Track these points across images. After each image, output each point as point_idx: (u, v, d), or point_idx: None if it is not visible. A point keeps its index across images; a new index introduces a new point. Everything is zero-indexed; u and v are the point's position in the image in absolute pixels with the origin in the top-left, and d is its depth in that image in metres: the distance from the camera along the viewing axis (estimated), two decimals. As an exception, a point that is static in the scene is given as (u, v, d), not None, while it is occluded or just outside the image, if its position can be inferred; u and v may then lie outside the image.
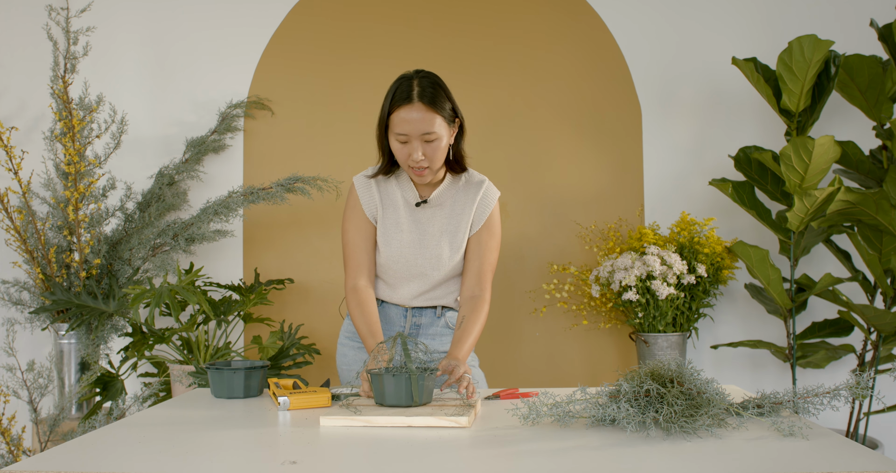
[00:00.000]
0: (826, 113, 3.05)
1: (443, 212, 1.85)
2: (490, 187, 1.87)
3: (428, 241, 1.83)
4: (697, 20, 3.12)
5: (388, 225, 1.84)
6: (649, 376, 1.33)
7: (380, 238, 1.85)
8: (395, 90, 1.71)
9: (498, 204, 1.88)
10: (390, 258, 1.84)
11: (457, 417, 1.32)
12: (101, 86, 3.12)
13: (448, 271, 1.85)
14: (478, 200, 1.84)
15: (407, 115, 1.68)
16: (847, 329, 2.90)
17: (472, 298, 1.82)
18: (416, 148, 1.70)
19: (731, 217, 3.08)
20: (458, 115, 1.77)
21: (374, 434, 1.28)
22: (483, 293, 1.83)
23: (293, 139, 3.15)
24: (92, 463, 1.11)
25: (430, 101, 1.68)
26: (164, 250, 2.95)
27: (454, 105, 1.75)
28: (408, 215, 1.84)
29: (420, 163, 1.72)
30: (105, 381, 2.66)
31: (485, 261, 1.84)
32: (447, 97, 1.73)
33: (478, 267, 1.84)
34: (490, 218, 1.85)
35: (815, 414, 1.35)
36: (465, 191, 1.85)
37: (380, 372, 1.42)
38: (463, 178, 1.87)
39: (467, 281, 1.84)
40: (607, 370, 3.07)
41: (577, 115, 3.13)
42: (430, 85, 1.70)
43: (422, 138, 1.70)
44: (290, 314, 3.11)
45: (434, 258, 1.83)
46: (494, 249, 1.86)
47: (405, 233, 1.83)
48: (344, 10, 3.17)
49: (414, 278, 1.85)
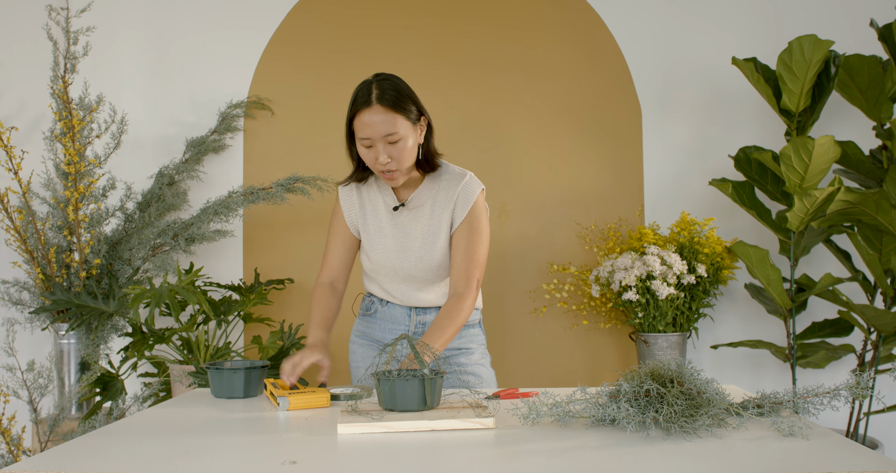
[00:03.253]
0: (826, 113, 3.05)
1: (423, 213, 1.82)
2: (471, 182, 1.81)
3: (411, 244, 1.82)
4: (697, 20, 3.12)
5: (370, 231, 1.85)
6: (649, 376, 1.33)
7: (365, 245, 1.86)
8: (355, 96, 1.70)
9: (483, 198, 1.83)
10: (378, 263, 1.85)
11: (482, 418, 1.30)
12: (101, 86, 3.13)
13: (437, 271, 1.83)
14: (457, 194, 1.80)
15: (368, 118, 1.66)
16: (847, 329, 2.90)
17: (454, 295, 1.76)
18: (381, 151, 1.68)
19: (731, 217, 3.08)
20: (424, 113, 1.74)
21: (374, 434, 1.28)
22: (466, 291, 1.75)
23: (293, 139, 3.15)
24: (92, 463, 1.11)
25: (391, 102, 1.66)
26: (164, 250, 2.95)
27: (417, 105, 1.72)
28: (389, 220, 1.83)
29: (387, 165, 1.69)
30: (105, 381, 2.66)
31: (469, 257, 1.77)
32: (409, 97, 1.70)
33: (461, 263, 1.77)
34: (472, 212, 1.79)
35: (815, 414, 1.35)
36: (446, 188, 1.81)
37: (390, 376, 1.40)
38: (443, 176, 1.83)
39: (452, 278, 1.79)
40: (607, 370, 3.07)
41: (577, 115, 3.13)
42: (390, 87, 1.68)
43: (385, 140, 1.67)
44: (290, 314, 3.11)
45: (418, 260, 1.82)
46: (480, 244, 1.79)
47: (388, 238, 1.83)
48: (344, 10, 3.17)
49: (404, 280, 1.85)
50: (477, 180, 1.83)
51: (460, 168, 1.85)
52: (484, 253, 1.80)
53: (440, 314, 1.73)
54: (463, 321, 1.73)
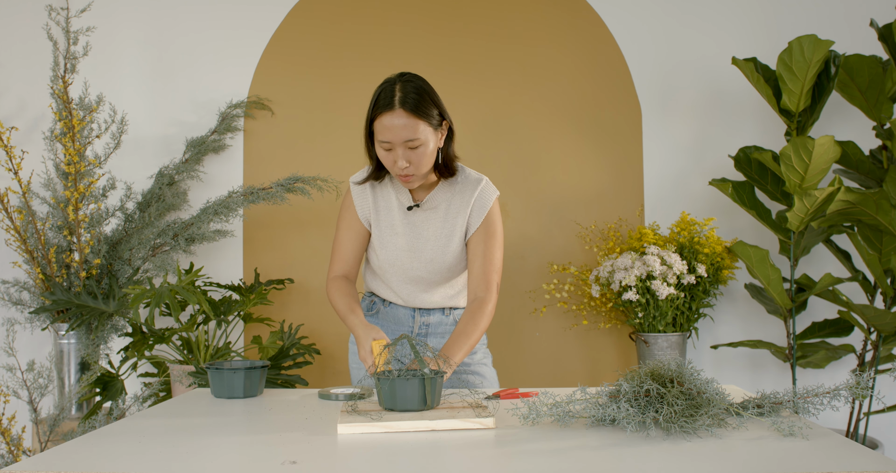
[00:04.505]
0: (826, 113, 3.05)
1: (437, 215, 1.80)
2: (487, 187, 1.81)
3: (423, 245, 1.80)
4: (697, 20, 3.12)
5: (382, 228, 1.82)
6: (649, 376, 1.33)
7: (376, 242, 1.83)
8: (377, 96, 1.65)
9: (497, 204, 1.83)
10: (386, 261, 1.82)
11: (482, 418, 1.30)
12: (101, 86, 3.13)
13: (445, 274, 1.82)
14: (473, 200, 1.79)
15: (389, 122, 1.62)
16: (847, 329, 2.90)
17: (475, 300, 1.76)
18: (401, 155, 1.65)
19: (731, 217, 3.08)
20: (446, 118, 1.71)
21: (373, 434, 1.28)
22: (487, 295, 1.75)
23: (293, 139, 3.15)
24: (92, 463, 1.10)
25: (413, 107, 1.62)
26: (164, 250, 2.95)
27: (440, 109, 1.69)
28: (402, 219, 1.81)
29: (405, 170, 1.67)
30: (105, 381, 2.66)
31: (487, 262, 1.77)
32: (432, 101, 1.66)
33: (480, 268, 1.77)
34: (488, 218, 1.80)
35: (815, 414, 1.35)
36: (461, 193, 1.80)
37: (390, 376, 1.40)
38: (459, 180, 1.81)
39: (471, 283, 1.78)
40: (607, 370, 3.07)
41: (577, 114, 3.13)
42: (413, 90, 1.64)
43: (405, 145, 1.64)
44: (290, 314, 3.11)
45: (428, 262, 1.80)
46: (496, 249, 1.79)
47: (400, 237, 1.81)
48: (343, 10, 3.17)
49: (412, 281, 1.84)
50: (492, 185, 1.83)
51: (477, 173, 1.84)
52: (500, 257, 1.80)
53: (463, 319, 1.73)
54: (486, 326, 1.73)
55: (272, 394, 1.71)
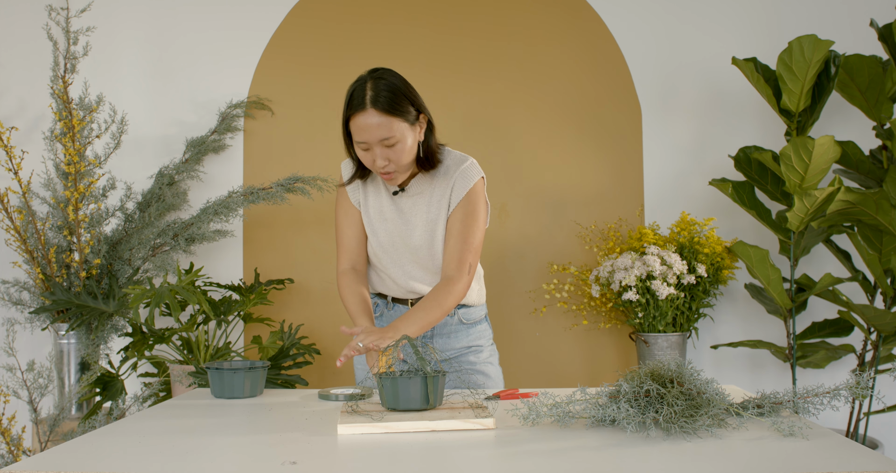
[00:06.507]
0: (826, 113, 3.05)
1: (423, 200, 1.77)
2: (471, 166, 1.75)
3: (411, 231, 1.78)
4: (697, 20, 3.12)
5: (371, 214, 1.80)
6: (649, 376, 1.33)
7: (367, 228, 1.82)
8: (349, 96, 1.62)
9: (482, 185, 1.78)
10: (380, 248, 1.80)
11: (482, 419, 1.30)
12: (101, 86, 3.12)
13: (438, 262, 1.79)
14: (454, 179, 1.74)
15: (363, 122, 1.59)
16: (847, 329, 2.90)
17: (444, 278, 1.70)
18: (379, 154, 1.63)
19: (731, 217, 3.08)
20: (423, 111, 1.68)
21: (374, 434, 1.28)
22: (458, 275, 1.69)
23: (293, 139, 3.15)
24: (92, 463, 1.10)
25: (386, 105, 1.59)
26: (164, 250, 2.95)
27: (416, 103, 1.65)
28: (391, 204, 1.79)
29: (385, 168, 1.66)
30: (105, 381, 2.66)
31: (463, 241, 1.71)
32: (406, 97, 1.62)
33: (455, 246, 1.71)
34: (469, 197, 1.74)
35: (815, 414, 1.35)
36: (444, 174, 1.76)
37: (392, 375, 1.40)
38: (444, 162, 1.78)
39: (444, 261, 1.72)
40: (607, 371, 3.07)
41: (577, 114, 3.13)
42: (385, 87, 1.60)
43: (382, 144, 1.62)
44: (290, 314, 3.11)
45: (417, 249, 1.78)
46: (476, 230, 1.73)
47: (389, 222, 1.79)
48: (343, 10, 3.17)
49: (406, 270, 1.81)
50: (478, 166, 1.78)
51: (462, 154, 1.80)
52: (479, 238, 1.75)
53: (427, 295, 1.68)
54: (451, 307, 1.68)
55: (272, 394, 1.71)
